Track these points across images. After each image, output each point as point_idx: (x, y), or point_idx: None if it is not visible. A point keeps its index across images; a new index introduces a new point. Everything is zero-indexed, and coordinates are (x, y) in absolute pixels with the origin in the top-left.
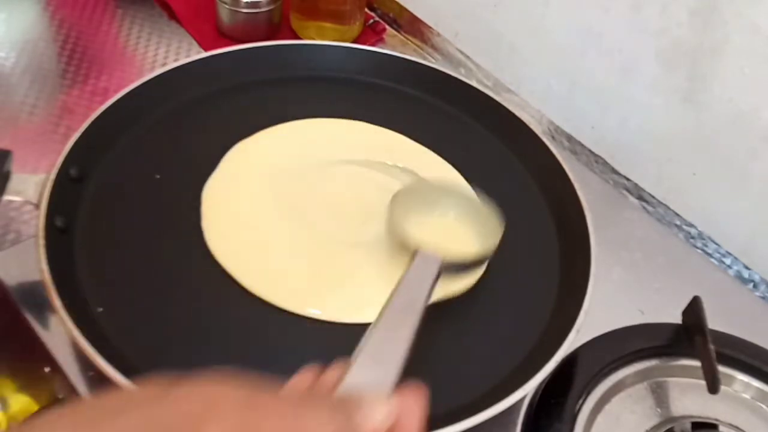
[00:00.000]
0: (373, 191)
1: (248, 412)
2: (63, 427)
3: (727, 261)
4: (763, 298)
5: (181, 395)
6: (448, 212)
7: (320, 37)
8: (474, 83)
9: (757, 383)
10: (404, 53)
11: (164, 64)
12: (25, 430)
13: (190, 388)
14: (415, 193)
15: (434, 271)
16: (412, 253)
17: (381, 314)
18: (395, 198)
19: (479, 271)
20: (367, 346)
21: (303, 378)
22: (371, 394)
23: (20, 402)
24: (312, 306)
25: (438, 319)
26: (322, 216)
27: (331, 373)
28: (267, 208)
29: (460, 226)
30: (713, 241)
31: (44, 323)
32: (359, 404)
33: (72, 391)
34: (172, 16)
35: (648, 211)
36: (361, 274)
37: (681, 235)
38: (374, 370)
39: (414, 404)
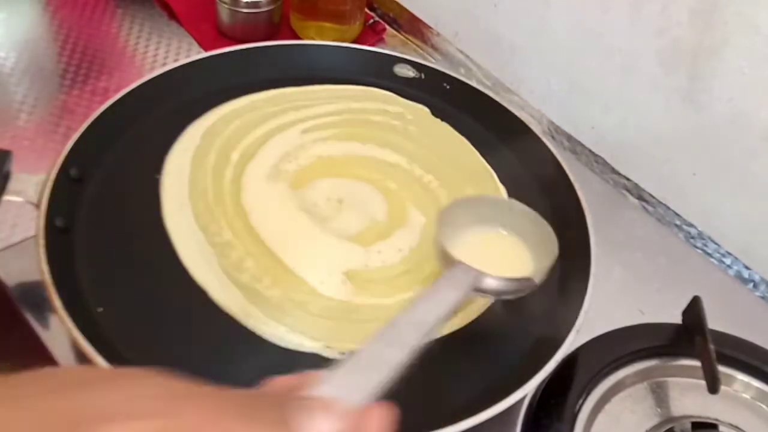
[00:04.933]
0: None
1: (175, 410)
2: None
3: (727, 261)
4: (763, 298)
5: (110, 384)
6: (501, 230)
7: (320, 37)
8: (474, 83)
9: (757, 383)
10: (404, 53)
11: (164, 64)
12: None
13: (125, 379)
14: (466, 206)
15: (461, 290)
16: (449, 266)
17: (389, 323)
18: (445, 210)
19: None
20: (352, 358)
21: (272, 384)
22: (325, 407)
23: None
24: None
25: None
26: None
27: (302, 380)
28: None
29: (513, 246)
30: (713, 241)
31: (44, 323)
32: (309, 416)
33: None
34: (172, 16)
35: (648, 211)
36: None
37: (681, 235)
38: (348, 383)
39: (376, 423)
